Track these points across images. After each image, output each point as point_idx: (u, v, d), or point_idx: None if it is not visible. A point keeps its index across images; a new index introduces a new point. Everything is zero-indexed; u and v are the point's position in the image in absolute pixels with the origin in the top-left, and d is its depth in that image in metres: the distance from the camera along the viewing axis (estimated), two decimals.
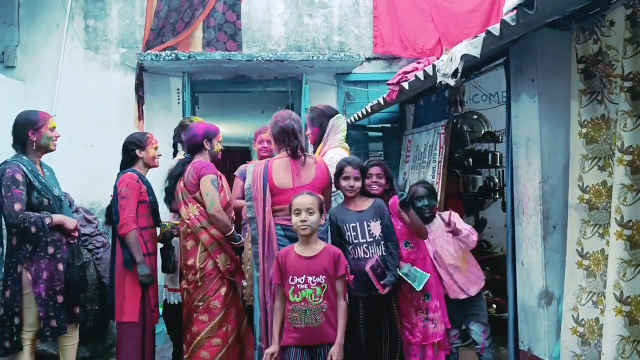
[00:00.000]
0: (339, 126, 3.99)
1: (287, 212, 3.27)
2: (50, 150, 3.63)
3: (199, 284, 3.63)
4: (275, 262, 2.98)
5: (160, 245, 4.07)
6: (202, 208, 3.63)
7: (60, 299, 3.44)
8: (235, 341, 3.69)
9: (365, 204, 3.41)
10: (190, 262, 3.67)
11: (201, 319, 3.61)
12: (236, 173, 4.68)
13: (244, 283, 3.74)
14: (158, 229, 4.05)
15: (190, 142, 3.84)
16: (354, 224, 3.34)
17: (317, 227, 3.03)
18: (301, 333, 2.88)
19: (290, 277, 2.92)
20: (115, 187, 3.78)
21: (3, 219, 3.40)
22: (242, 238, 3.74)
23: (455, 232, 3.49)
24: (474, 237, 3.45)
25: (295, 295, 2.89)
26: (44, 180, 3.51)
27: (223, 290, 3.64)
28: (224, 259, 3.65)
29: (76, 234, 3.61)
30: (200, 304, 3.62)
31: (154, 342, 3.97)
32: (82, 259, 3.68)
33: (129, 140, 3.97)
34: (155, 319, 3.96)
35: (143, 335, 3.75)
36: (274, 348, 2.94)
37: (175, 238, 4.05)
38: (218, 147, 3.90)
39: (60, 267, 3.48)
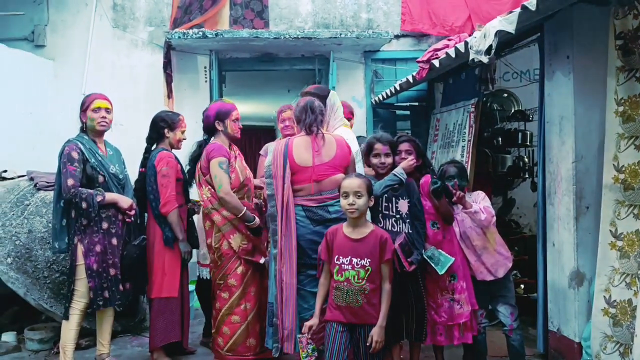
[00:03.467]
0: (335, 104, 3.89)
1: (308, 192, 3.30)
2: (97, 131, 3.71)
3: (218, 263, 3.69)
4: (324, 240, 2.98)
5: None
6: (212, 190, 3.66)
7: (112, 271, 3.62)
8: (255, 319, 3.73)
9: None
10: (208, 242, 3.76)
11: (223, 296, 3.69)
12: (261, 152, 4.68)
13: (262, 261, 3.72)
14: None
15: (204, 123, 3.83)
16: (386, 196, 3.33)
17: (366, 210, 2.99)
18: (343, 311, 2.89)
19: (336, 256, 2.92)
20: (153, 165, 3.82)
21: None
22: (256, 218, 3.73)
23: (464, 206, 3.42)
24: (483, 216, 3.35)
25: (339, 275, 2.90)
26: (100, 158, 3.64)
27: (240, 269, 3.67)
28: (239, 239, 3.67)
29: (132, 212, 3.72)
30: (221, 282, 3.69)
31: (189, 317, 4.11)
32: (139, 238, 3.78)
33: (161, 117, 4.02)
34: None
35: (181, 309, 3.89)
36: (314, 321, 2.95)
37: (195, 215, 4.14)
38: (233, 126, 3.77)
39: (114, 241, 3.65)
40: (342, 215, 3.14)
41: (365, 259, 2.89)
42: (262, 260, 3.72)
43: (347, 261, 2.89)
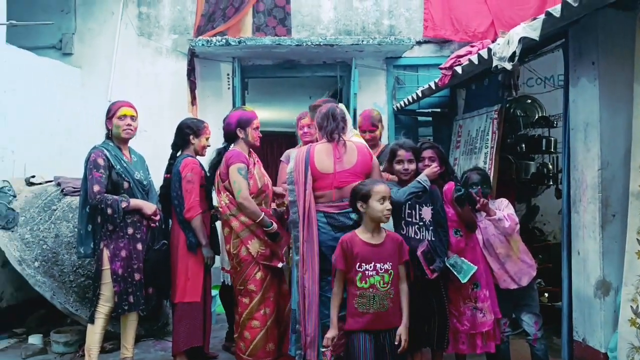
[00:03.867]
0: (346, 116, 3.86)
1: (329, 198, 3.32)
2: (123, 138, 3.77)
3: (238, 269, 3.74)
4: (340, 248, 2.96)
5: None
6: (231, 196, 3.70)
7: (137, 276, 3.67)
8: (273, 324, 3.76)
9: None
10: (227, 248, 3.81)
11: (243, 301, 3.73)
12: (282, 158, 4.71)
13: (280, 265, 3.74)
14: None
15: (225, 130, 3.89)
16: (410, 202, 3.32)
17: None
18: (369, 318, 2.88)
19: (359, 263, 2.91)
20: (178, 171, 3.87)
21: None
22: (274, 223, 3.75)
23: (488, 213, 3.39)
24: (507, 223, 3.32)
25: (363, 282, 2.89)
26: (125, 165, 3.70)
27: (259, 274, 3.70)
28: (257, 245, 3.70)
29: (157, 217, 3.77)
30: (241, 287, 3.73)
31: (211, 321, 4.16)
32: (159, 243, 3.82)
33: (187, 124, 4.07)
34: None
35: (204, 314, 3.92)
36: (333, 332, 2.95)
37: (218, 222, 4.16)
38: (253, 134, 3.83)
39: (139, 246, 3.70)
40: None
41: (388, 263, 2.92)
42: (280, 265, 3.75)
43: (370, 267, 2.89)
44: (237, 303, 3.78)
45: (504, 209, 3.44)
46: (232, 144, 3.86)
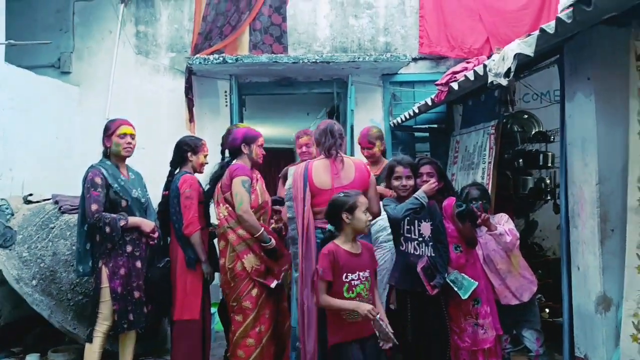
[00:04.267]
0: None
1: None
2: (123, 156, 3.79)
3: (232, 284, 3.71)
4: (327, 259, 2.96)
5: None
6: (230, 209, 3.70)
7: (137, 294, 3.66)
8: (269, 342, 3.73)
9: None
10: (221, 262, 3.78)
11: (237, 319, 3.70)
12: (281, 175, 4.72)
13: (273, 285, 3.69)
14: None
15: (230, 145, 3.93)
16: (409, 218, 3.33)
17: None
18: (359, 326, 2.92)
19: (345, 274, 2.95)
20: (177, 188, 3.88)
21: None
22: (272, 239, 3.74)
23: (489, 228, 3.39)
24: (508, 238, 3.33)
25: (350, 292, 2.94)
26: (122, 183, 3.71)
27: (254, 291, 3.68)
28: (253, 260, 3.68)
29: (155, 235, 3.77)
30: (234, 304, 3.71)
31: (210, 339, 4.12)
32: (163, 260, 3.83)
33: (185, 141, 4.11)
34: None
35: (203, 332, 3.89)
36: (367, 306, 2.88)
37: (216, 239, 4.15)
38: (257, 151, 3.90)
39: (139, 264, 3.70)
40: (360, 237, 3.15)
41: (366, 271, 3.01)
42: (273, 284, 3.71)
43: (355, 277, 2.96)
44: (230, 321, 3.75)
45: (504, 224, 3.45)
46: (235, 159, 3.88)
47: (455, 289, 3.25)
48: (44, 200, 5.00)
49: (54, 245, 4.48)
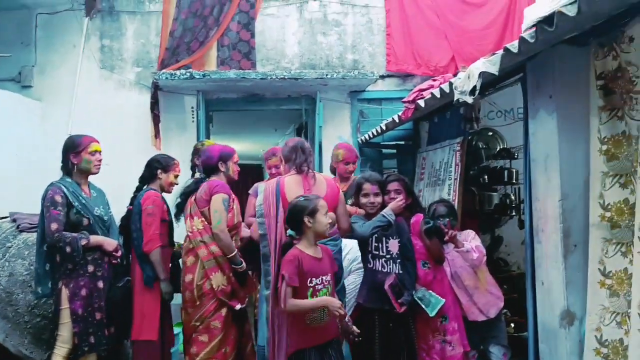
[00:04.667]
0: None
1: None
2: (93, 173, 3.72)
3: (197, 302, 3.62)
4: (292, 265, 2.95)
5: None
6: (206, 223, 3.66)
7: (98, 315, 3.55)
8: None
9: None
10: (188, 278, 3.67)
11: (200, 339, 3.59)
12: (250, 191, 4.68)
13: (237, 307, 3.64)
14: None
15: (205, 163, 3.87)
16: (376, 236, 3.33)
17: None
18: (321, 331, 2.94)
19: (309, 279, 2.95)
20: (140, 204, 3.81)
21: None
22: (243, 263, 3.69)
23: (456, 245, 3.42)
24: (475, 255, 3.36)
25: (314, 296, 2.94)
26: (84, 201, 3.61)
27: (224, 310, 3.62)
28: (220, 279, 3.61)
29: (118, 254, 3.67)
30: (198, 323, 3.61)
31: None
32: (123, 280, 3.73)
33: (157, 158, 4.08)
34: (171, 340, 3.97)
35: (162, 354, 3.79)
36: (337, 301, 2.95)
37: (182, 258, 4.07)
38: (233, 168, 3.90)
39: (101, 284, 3.59)
40: (336, 254, 3.19)
41: (328, 275, 3.03)
42: (237, 307, 3.64)
43: (319, 281, 2.97)
44: (191, 342, 3.63)
45: (471, 241, 3.47)
46: (211, 177, 3.84)
47: (423, 306, 3.25)
48: (1, 218, 4.83)
49: (10, 265, 4.30)
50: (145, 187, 3.99)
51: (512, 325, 4.93)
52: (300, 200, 3.10)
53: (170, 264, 4.05)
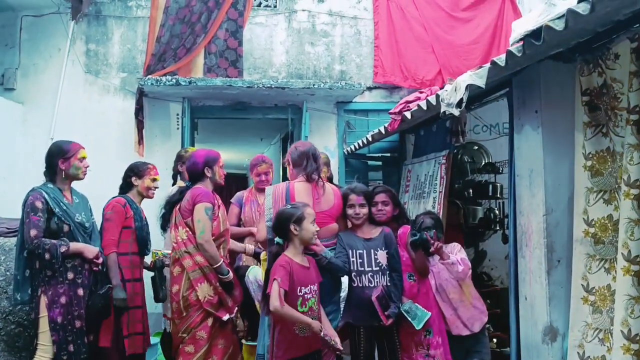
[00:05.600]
0: None
1: None
2: (79, 179, 3.69)
3: (184, 313, 3.55)
4: (284, 270, 2.93)
5: (151, 274, 4.04)
6: (190, 233, 3.59)
7: (78, 323, 3.47)
8: None
9: (374, 232, 3.38)
10: (174, 289, 3.62)
11: (187, 350, 3.52)
12: (232, 200, 4.64)
13: (225, 318, 3.58)
14: (148, 258, 4.04)
15: (191, 170, 3.81)
16: (360, 251, 3.29)
17: None
18: (307, 341, 2.91)
19: (298, 287, 2.93)
20: (103, 209, 3.82)
21: None
22: (230, 272, 3.63)
23: (442, 257, 3.41)
24: (460, 267, 3.34)
25: (304, 306, 2.93)
26: (65, 208, 3.54)
27: (210, 320, 3.55)
28: (206, 290, 3.55)
29: (99, 261, 3.59)
30: (185, 335, 3.54)
31: None
32: (104, 287, 3.64)
33: (129, 167, 4.05)
34: (145, 346, 3.92)
35: None
36: (319, 325, 2.94)
37: (167, 267, 4.00)
38: (220, 172, 3.83)
39: (81, 292, 3.51)
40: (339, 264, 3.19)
41: (315, 284, 3.02)
42: (225, 317, 3.58)
43: (308, 290, 2.96)
44: (178, 353, 3.56)
45: (457, 253, 3.46)
46: (196, 183, 3.77)
47: (409, 319, 3.22)
48: None
49: None
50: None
51: (495, 340, 4.92)
52: (287, 208, 3.08)
53: (152, 273, 4.01)
